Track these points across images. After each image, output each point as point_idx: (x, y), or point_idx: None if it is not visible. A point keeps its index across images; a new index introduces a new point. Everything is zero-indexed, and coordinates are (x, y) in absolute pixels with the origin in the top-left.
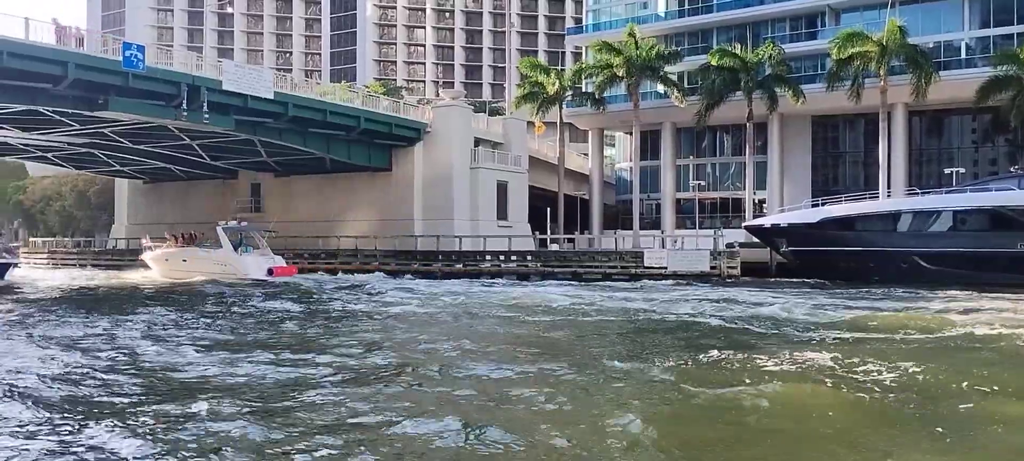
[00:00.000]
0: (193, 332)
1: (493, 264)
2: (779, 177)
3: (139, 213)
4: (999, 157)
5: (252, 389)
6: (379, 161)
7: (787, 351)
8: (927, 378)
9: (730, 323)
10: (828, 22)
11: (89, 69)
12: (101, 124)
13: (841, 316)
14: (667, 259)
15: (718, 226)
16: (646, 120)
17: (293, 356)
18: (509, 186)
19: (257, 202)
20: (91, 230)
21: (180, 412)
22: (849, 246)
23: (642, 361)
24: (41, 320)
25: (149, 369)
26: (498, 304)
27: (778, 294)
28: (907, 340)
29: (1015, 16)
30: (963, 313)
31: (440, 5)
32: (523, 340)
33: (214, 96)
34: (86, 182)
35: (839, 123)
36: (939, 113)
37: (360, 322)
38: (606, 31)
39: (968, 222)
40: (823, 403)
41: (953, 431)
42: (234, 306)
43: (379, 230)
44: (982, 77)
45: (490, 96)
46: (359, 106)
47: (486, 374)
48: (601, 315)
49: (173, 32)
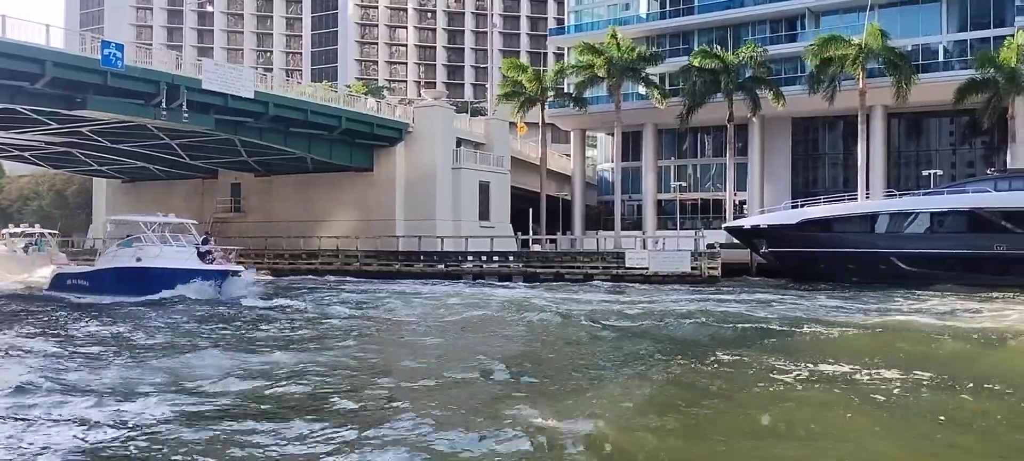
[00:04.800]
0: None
1: (475, 265)
2: (759, 178)
3: (118, 212)
4: (976, 159)
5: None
6: (361, 161)
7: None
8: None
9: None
10: (808, 25)
11: (67, 67)
12: (79, 123)
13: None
14: (648, 260)
15: (699, 227)
16: (628, 121)
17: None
18: (491, 186)
19: (237, 202)
20: (69, 230)
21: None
22: (828, 247)
23: (616, 369)
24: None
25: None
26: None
27: (743, 297)
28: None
29: (992, 19)
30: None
31: (422, 5)
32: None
33: (194, 95)
34: (64, 181)
35: (819, 125)
36: (917, 115)
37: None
38: (588, 32)
39: (945, 224)
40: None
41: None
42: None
43: (361, 230)
44: (960, 80)
45: (472, 96)
46: (341, 106)
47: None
48: (576, 317)
49: (152, 31)
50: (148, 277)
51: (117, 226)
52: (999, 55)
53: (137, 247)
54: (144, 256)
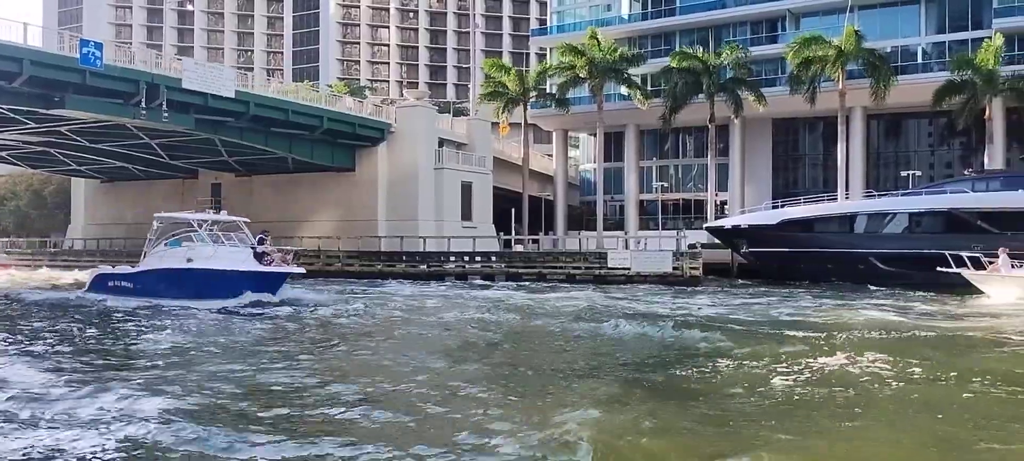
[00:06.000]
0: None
1: (457, 265)
2: (740, 179)
3: (97, 213)
4: (954, 160)
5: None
6: (343, 161)
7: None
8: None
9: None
10: (788, 26)
11: (45, 66)
12: (58, 122)
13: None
14: (630, 260)
15: (681, 227)
16: (610, 122)
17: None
18: (474, 187)
19: (218, 202)
20: (46, 230)
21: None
22: (807, 247)
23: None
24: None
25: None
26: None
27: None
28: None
29: (970, 22)
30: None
31: (404, 5)
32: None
33: (174, 94)
34: (41, 181)
35: (799, 126)
36: (896, 116)
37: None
38: (570, 33)
39: (923, 224)
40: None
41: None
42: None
43: (343, 231)
44: (938, 81)
45: (454, 97)
46: (322, 106)
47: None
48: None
49: (132, 30)
50: (200, 279)
51: (164, 224)
52: (976, 57)
53: (187, 247)
54: (196, 256)
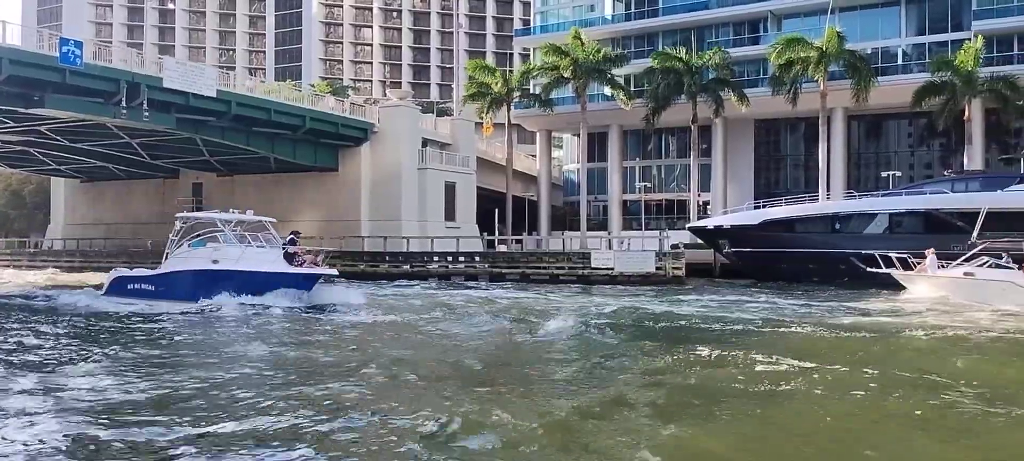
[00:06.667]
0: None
1: (441, 265)
2: (723, 179)
3: (77, 213)
4: (933, 161)
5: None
6: (325, 161)
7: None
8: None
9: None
10: (771, 27)
11: (24, 65)
12: (37, 122)
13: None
14: (614, 260)
15: (664, 227)
16: (593, 122)
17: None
18: (457, 187)
19: (199, 202)
20: (25, 230)
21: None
22: (789, 247)
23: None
24: None
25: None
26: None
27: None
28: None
29: (949, 24)
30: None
31: (387, 5)
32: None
33: (155, 94)
34: (20, 181)
35: (781, 127)
36: (877, 117)
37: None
38: (554, 33)
39: (903, 224)
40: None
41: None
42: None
43: (325, 231)
44: (918, 82)
45: (438, 97)
46: (305, 105)
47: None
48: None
49: (112, 29)
50: (227, 281)
51: (187, 224)
52: (956, 59)
53: (213, 247)
54: (222, 257)
